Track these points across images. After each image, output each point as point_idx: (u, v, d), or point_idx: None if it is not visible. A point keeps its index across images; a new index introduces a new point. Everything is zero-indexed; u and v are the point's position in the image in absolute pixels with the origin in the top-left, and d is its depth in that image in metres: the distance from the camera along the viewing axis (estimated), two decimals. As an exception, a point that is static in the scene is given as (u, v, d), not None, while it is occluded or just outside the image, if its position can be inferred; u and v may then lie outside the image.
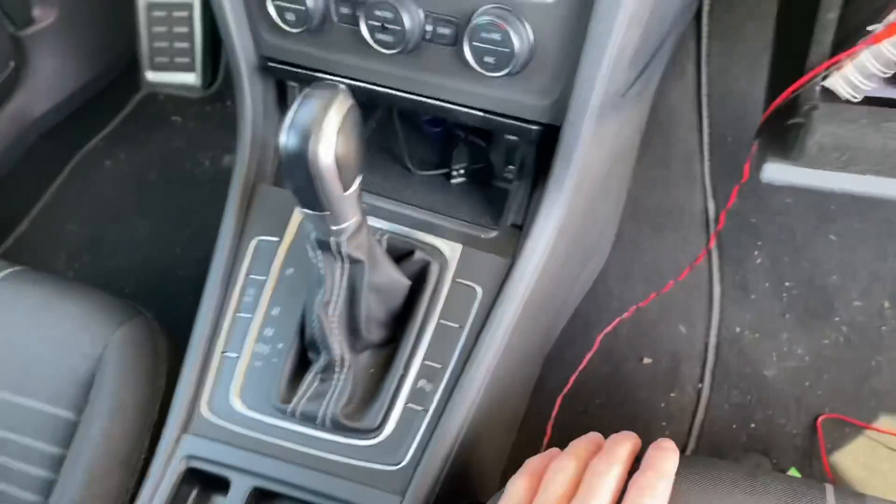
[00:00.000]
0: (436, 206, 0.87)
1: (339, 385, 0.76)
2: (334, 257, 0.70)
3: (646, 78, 0.82)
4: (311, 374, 0.77)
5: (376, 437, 0.76)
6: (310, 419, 0.76)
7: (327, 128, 0.60)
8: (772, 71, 0.95)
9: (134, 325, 0.91)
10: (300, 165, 0.61)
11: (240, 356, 0.81)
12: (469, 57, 0.72)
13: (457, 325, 0.78)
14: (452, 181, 0.91)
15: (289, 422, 0.78)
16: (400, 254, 0.81)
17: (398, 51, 0.74)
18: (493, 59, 0.70)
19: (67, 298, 0.93)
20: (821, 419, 1.25)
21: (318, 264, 0.71)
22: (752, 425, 1.27)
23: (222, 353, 0.82)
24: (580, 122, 0.71)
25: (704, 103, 1.52)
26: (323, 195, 0.63)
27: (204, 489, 0.81)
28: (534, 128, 0.76)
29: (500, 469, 0.72)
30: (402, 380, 0.77)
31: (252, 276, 0.84)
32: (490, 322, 0.77)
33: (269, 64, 0.84)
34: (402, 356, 0.77)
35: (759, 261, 1.41)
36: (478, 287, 0.79)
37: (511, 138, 0.83)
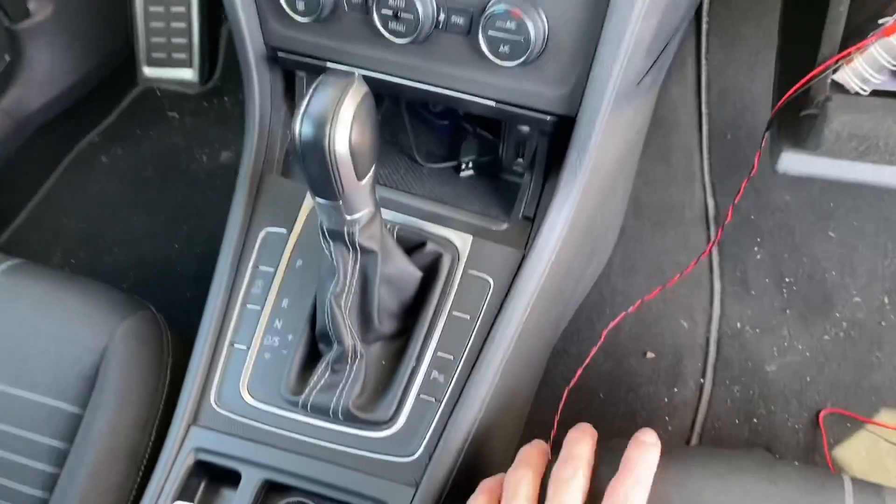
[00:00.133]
0: (445, 198, 0.87)
1: (351, 376, 0.75)
2: (347, 248, 0.70)
3: (658, 68, 0.82)
4: (323, 366, 0.76)
5: (389, 429, 0.76)
6: (322, 411, 0.75)
7: (343, 115, 0.60)
8: (779, 64, 0.95)
9: (138, 318, 0.90)
10: (315, 154, 0.61)
11: (249, 348, 0.80)
12: (484, 46, 0.71)
13: (469, 317, 0.78)
14: (461, 174, 0.91)
15: (300, 413, 0.77)
16: (411, 245, 0.80)
17: (410, 40, 0.74)
18: (507, 48, 0.70)
19: (69, 291, 0.92)
20: (822, 414, 1.26)
21: (331, 255, 0.71)
22: (755, 420, 1.27)
23: (231, 344, 0.81)
24: (596, 111, 0.71)
25: (704, 100, 1.53)
26: (337, 184, 0.63)
27: (213, 482, 0.81)
28: (548, 118, 0.75)
29: (507, 463, 0.71)
30: (414, 371, 0.77)
31: (260, 268, 0.83)
32: (502, 314, 0.77)
33: (278, 54, 0.83)
34: (415, 348, 0.77)
35: (759, 257, 1.41)
36: (490, 279, 0.79)
37: (522, 130, 0.83)
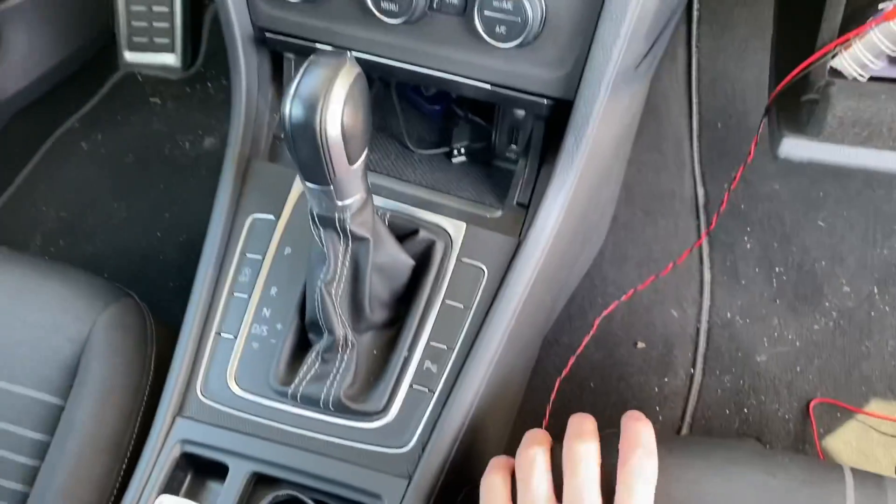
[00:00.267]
0: (438, 184, 0.85)
1: (342, 366, 0.73)
2: (338, 235, 0.68)
3: (654, 52, 0.81)
4: (313, 355, 0.74)
5: (381, 420, 0.74)
6: (311, 401, 0.73)
7: (334, 97, 0.57)
8: (775, 50, 0.94)
9: (121, 306, 0.88)
10: (305, 137, 0.58)
11: (236, 337, 0.78)
12: (479, 27, 0.69)
13: (462, 306, 0.76)
14: (453, 160, 0.89)
15: (289, 404, 0.75)
16: (403, 233, 0.78)
17: (403, 20, 0.72)
18: (504, 28, 0.68)
19: (49, 279, 0.89)
20: (813, 404, 1.26)
21: (321, 242, 0.69)
22: (745, 410, 1.27)
23: (217, 333, 0.79)
24: (595, 95, 0.69)
25: (694, 88, 1.52)
26: (329, 168, 0.61)
27: (199, 475, 0.78)
28: (544, 102, 0.73)
29: (500, 453, 0.70)
30: (406, 361, 0.75)
31: (248, 255, 0.81)
32: (497, 302, 0.75)
33: (266, 35, 0.81)
34: (407, 337, 0.75)
35: (748, 246, 1.41)
36: (484, 267, 0.77)
37: (517, 114, 0.81)
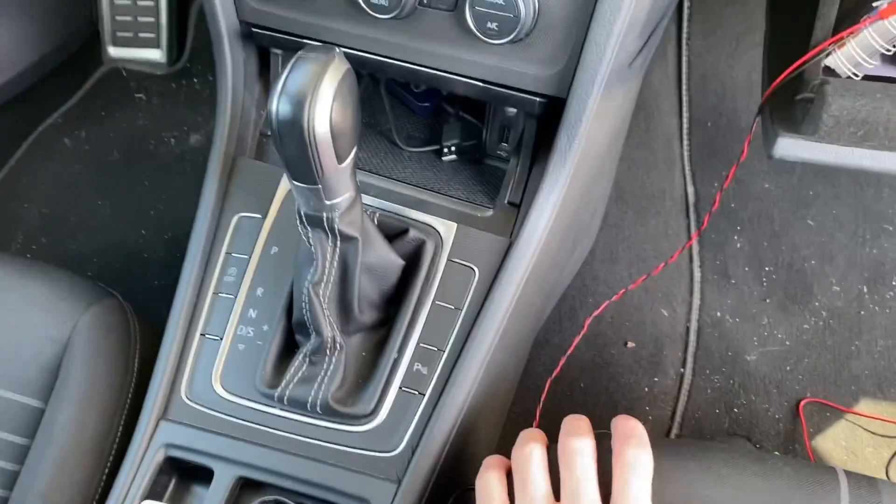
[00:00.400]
0: (428, 183, 0.84)
1: (330, 368, 0.72)
2: (326, 234, 0.67)
3: (647, 49, 0.80)
4: (300, 357, 0.73)
5: (370, 423, 0.72)
6: (299, 404, 0.72)
7: (323, 93, 0.56)
8: (767, 48, 0.93)
9: (104, 306, 0.86)
10: (293, 134, 0.57)
11: (221, 339, 0.77)
12: (470, 22, 0.68)
13: (453, 307, 0.75)
14: (443, 159, 0.88)
15: (275, 407, 0.74)
16: (393, 232, 0.77)
17: (393, 15, 0.70)
18: (496, 24, 0.67)
19: (30, 279, 0.87)
20: (802, 403, 1.25)
21: (309, 241, 0.67)
22: (735, 410, 1.26)
23: (202, 335, 0.77)
24: (588, 93, 0.68)
25: (685, 86, 1.51)
26: (317, 167, 0.59)
27: (183, 479, 0.77)
28: (537, 100, 0.72)
29: (491, 454, 0.69)
30: (396, 363, 0.73)
31: (233, 255, 0.79)
32: (488, 303, 0.74)
33: (252, 30, 0.79)
34: (397, 339, 0.74)
35: (738, 245, 1.40)
36: (475, 267, 0.76)
37: (508, 112, 0.80)
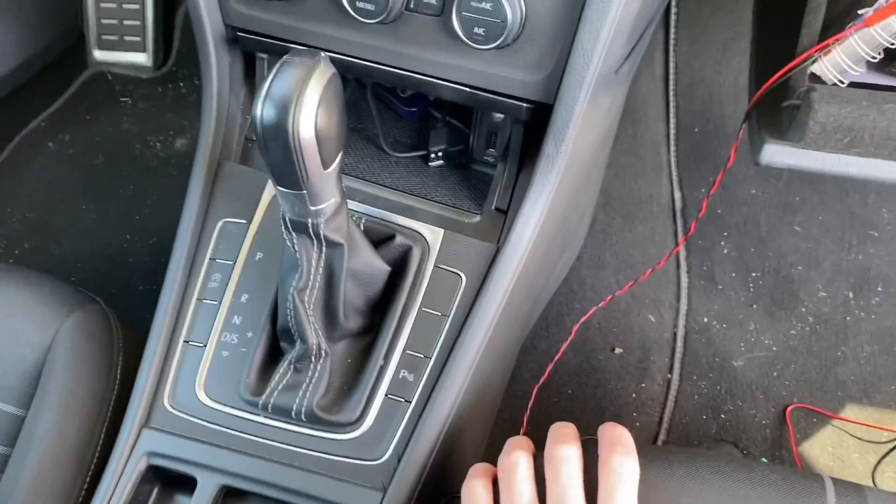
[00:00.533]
0: (414, 189, 0.83)
1: (315, 375, 0.71)
2: (311, 240, 0.66)
3: (634, 55, 0.80)
4: (285, 365, 0.72)
5: (355, 431, 0.72)
6: (283, 412, 0.71)
7: (308, 98, 0.56)
8: (754, 55, 0.94)
9: (86, 312, 0.85)
10: (277, 139, 0.57)
11: (205, 345, 0.76)
12: (457, 28, 0.68)
13: (440, 314, 0.74)
14: (430, 164, 0.87)
15: (260, 415, 0.73)
16: (379, 238, 0.76)
17: (379, 20, 0.70)
18: (482, 30, 0.67)
19: (10, 284, 0.86)
20: (789, 409, 1.26)
21: (294, 247, 0.67)
22: (722, 415, 1.26)
23: (186, 341, 0.77)
24: (575, 99, 0.68)
25: (672, 92, 1.51)
26: (302, 173, 0.59)
27: (166, 488, 0.76)
28: (524, 106, 0.72)
29: (478, 462, 0.68)
30: (382, 370, 0.73)
31: (218, 261, 0.79)
32: (475, 311, 0.74)
33: (238, 35, 0.78)
34: (382, 346, 0.73)
35: (725, 251, 1.41)
36: (462, 273, 0.75)
37: (495, 118, 0.80)
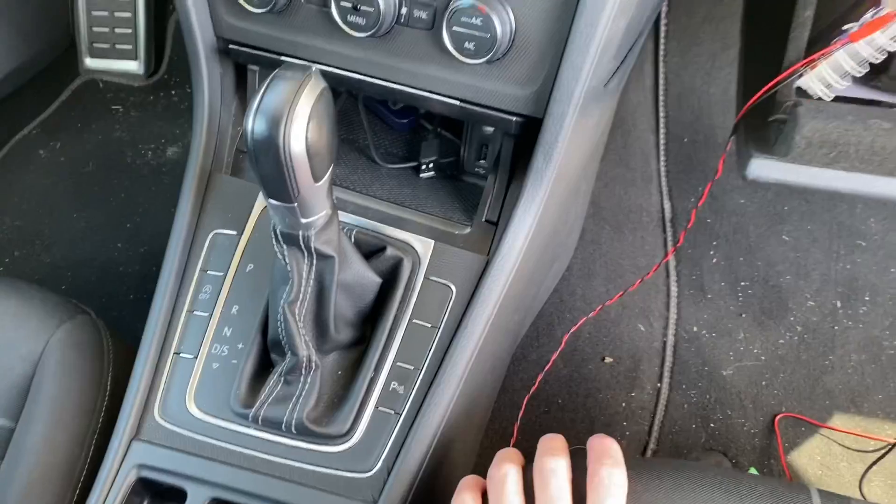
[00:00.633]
0: (405, 200, 0.83)
1: (305, 388, 0.71)
2: (302, 252, 0.66)
3: (623, 69, 0.80)
4: (275, 377, 0.72)
5: (345, 443, 0.72)
6: (273, 424, 0.71)
7: (299, 112, 0.56)
8: (742, 67, 0.95)
9: (76, 323, 0.85)
10: (268, 153, 0.57)
11: (195, 357, 0.76)
12: (448, 42, 0.68)
13: (430, 325, 0.75)
14: (421, 175, 0.88)
15: (250, 427, 0.73)
16: (370, 250, 0.77)
17: (370, 34, 0.70)
18: (473, 45, 0.67)
19: (1, 295, 0.86)
20: (778, 418, 1.26)
21: (284, 260, 0.67)
22: (712, 424, 1.27)
23: (176, 353, 0.77)
24: (564, 113, 0.69)
25: (661, 103, 1.52)
26: (292, 186, 0.59)
27: (156, 500, 0.76)
28: (513, 119, 0.73)
29: (468, 473, 0.68)
30: (372, 382, 0.73)
31: (208, 272, 0.79)
32: (465, 322, 0.74)
33: (229, 46, 0.79)
34: (373, 357, 0.73)
35: (714, 260, 1.41)
36: (452, 285, 0.76)
37: (486, 131, 0.80)
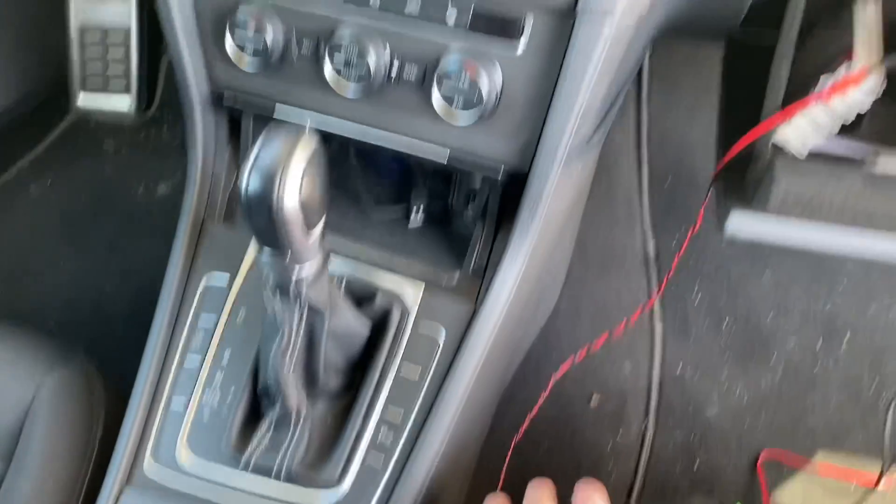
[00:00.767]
0: (395, 246, 0.85)
1: (295, 436, 0.72)
2: (293, 303, 0.67)
3: (605, 124, 0.83)
4: (266, 424, 0.73)
5: (335, 491, 0.73)
6: (265, 471, 0.72)
7: (292, 171, 0.58)
8: (721, 118, 0.98)
9: (67, 368, 0.86)
10: (262, 209, 0.59)
11: (188, 404, 0.77)
12: (436, 100, 0.71)
13: (419, 373, 0.76)
14: (411, 220, 0.89)
15: (241, 474, 0.74)
16: (360, 297, 0.78)
17: (362, 91, 0.73)
18: (461, 102, 0.70)
19: (-9, 339, 0.87)
20: (761, 458, 1.28)
21: (276, 310, 0.68)
22: (696, 465, 1.28)
23: (168, 400, 0.78)
24: (548, 169, 0.71)
25: (644, 144, 1.55)
26: (285, 239, 0.61)
27: (146, 548, 0.76)
28: (500, 173, 0.75)
29: (456, 519, 0.69)
30: (361, 430, 0.74)
31: (201, 319, 0.80)
32: (453, 370, 0.75)
33: (224, 99, 0.81)
34: (362, 405, 0.75)
35: (698, 299, 1.44)
36: (441, 333, 0.77)
37: (474, 181, 0.82)
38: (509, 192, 0.78)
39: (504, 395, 1.27)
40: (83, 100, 1.67)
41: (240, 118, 0.85)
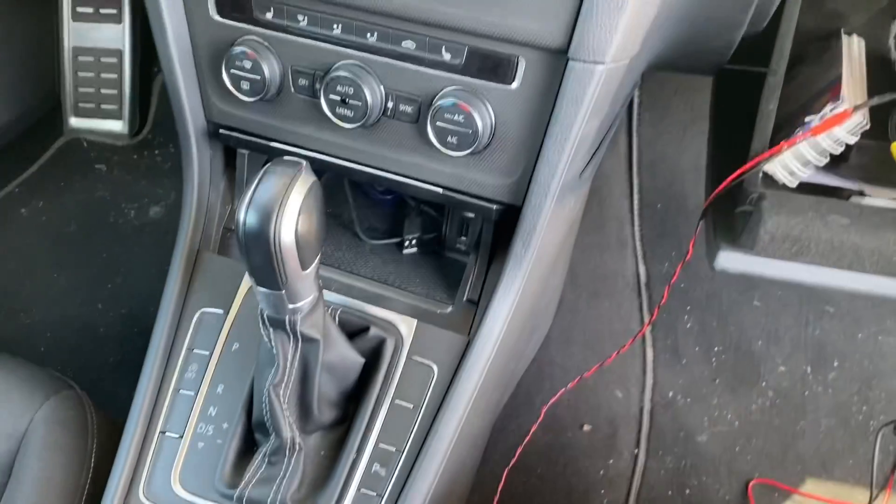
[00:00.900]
0: (389, 277, 0.86)
1: (289, 469, 0.72)
2: (288, 336, 0.68)
3: (596, 158, 0.84)
4: (259, 457, 0.73)
5: None
6: None
7: (289, 207, 0.59)
8: (711, 150, 0.99)
9: (60, 399, 0.85)
10: (259, 245, 0.59)
11: (181, 437, 0.77)
12: (431, 136, 0.71)
13: (412, 406, 0.76)
14: (404, 251, 0.90)
15: (234, 508, 0.74)
16: (354, 330, 0.79)
17: (359, 125, 0.73)
18: (455, 139, 0.71)
19: (-16, 368, 0.86)
20: (751, 484, 1.28)
21: (271, 342, 0.69)
22: (687, 491, 1.29)
23: (162, 432, 0.78)
24: (541, 204, 0.72)
25: (635, 171, 1.57)
26: (281, 274, 0.61)
27: (138, 582, 0.76)
28: (493, 207, 0.76)
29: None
30: (354, 464, 0.74)
31: (195, 351, 0.80)
32: (447, 403, 0.76)
33: (219, 131, 0.81)
34: (355, 439, 0.75)
35: (689, 325, 1.45)
36: (434, 365, 0.78)
37: (467, 213, 0.83)
38: (503, 222, 0.79)
39: (496, 424, 1.27)
40: (76, 121, 1.68)
41: (235, 151, 0.85)
